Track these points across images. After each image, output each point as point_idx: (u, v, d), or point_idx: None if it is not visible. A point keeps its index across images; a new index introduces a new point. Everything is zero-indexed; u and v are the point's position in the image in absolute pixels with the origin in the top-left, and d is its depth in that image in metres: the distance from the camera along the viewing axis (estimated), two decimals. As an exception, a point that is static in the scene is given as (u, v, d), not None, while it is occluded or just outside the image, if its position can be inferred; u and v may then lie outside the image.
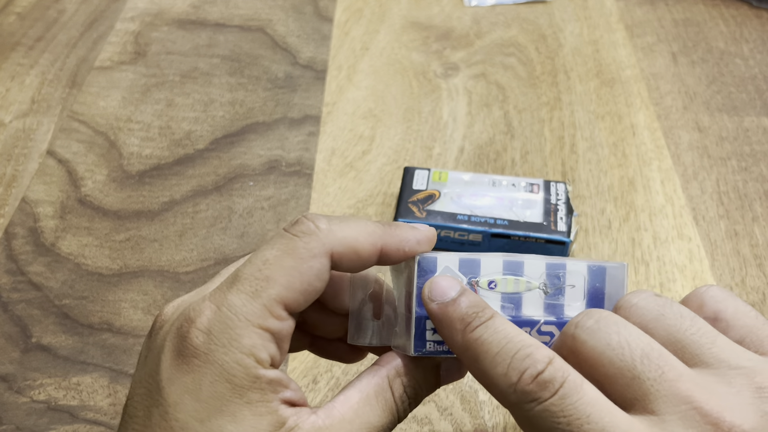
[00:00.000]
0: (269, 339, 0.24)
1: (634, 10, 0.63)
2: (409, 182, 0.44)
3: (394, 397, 0.26)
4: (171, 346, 0.24)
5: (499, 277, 0.27)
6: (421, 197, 0.43)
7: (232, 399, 0.23)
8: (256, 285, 0.24)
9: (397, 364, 0.26)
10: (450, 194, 0.43)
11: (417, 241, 0.26)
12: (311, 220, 0.25)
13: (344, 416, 0.24)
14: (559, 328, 0.27)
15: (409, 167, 0.45)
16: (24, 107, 0.54)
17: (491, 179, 0.44)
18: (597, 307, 0.27)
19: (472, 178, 0.44)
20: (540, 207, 0.42)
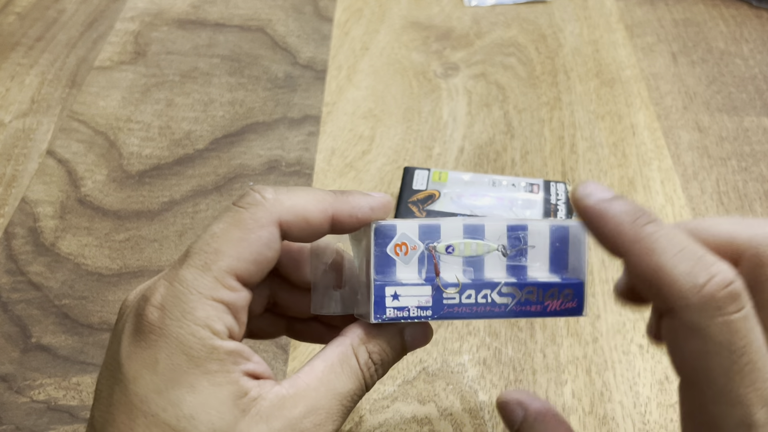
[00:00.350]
0: (224, 310, 0.24)
1: (634, 10, 0.63)
2: (409, 182, 0.44)
3: (359, 363, 0.26)
4: (130, 325, 0.24)
5: (456, 242, 0.27)
6: (421, 197, 0.43)
7: (190, 370, 0.23)
8: (206, 258, 0.24)
9: (361, 332, 0.26)
10: (450, 194, 0.43)
11: (370, 207, 0.26)
12: (257, 191, 0.25)
13: (309, 384, 0.24)
14: (520, 289, 0.27)
15: (409, 167, 0.45)
16: (24, 107, 0.54)
17: (491, 179, 0.44)
18: (560, 268, 0.27)
19: (472, 178, 0.44)
20: (540, 207, 0.42)
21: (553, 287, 0.27)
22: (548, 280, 0.27)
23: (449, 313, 0.27)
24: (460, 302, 0.27)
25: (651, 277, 0.21)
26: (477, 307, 0.27)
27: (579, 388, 0.37)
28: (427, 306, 0.27)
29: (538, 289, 0.27)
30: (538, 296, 0.27)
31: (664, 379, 0.37)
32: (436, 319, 0.27)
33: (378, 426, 0.35)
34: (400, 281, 0.26)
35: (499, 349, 0.38)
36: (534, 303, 0.27)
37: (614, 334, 0.39)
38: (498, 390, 0.37)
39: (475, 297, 0.27)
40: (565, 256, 0.27)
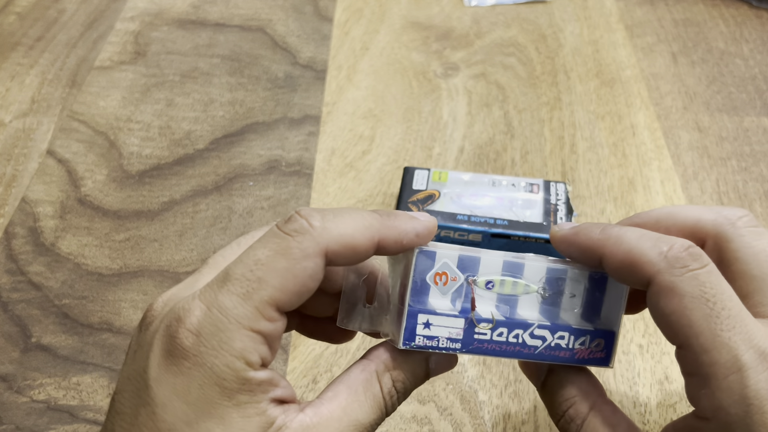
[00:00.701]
0: (260, 341, 0.23)
1: (634, 10, 0.63)
2: (409, 182, 0.44)
3: (383, 392, 0.25)
4: (160, 344, 0.23)
5: (497, 278, 0.27)
6: (420, 197, 0.43)
7: (221, 402, 0.23)
8: (248, 286, 0.23)
9: (386, 358, 0.26)
10: (450, 194, 0.43)
11: (416, 233, 0.26)
12: (305, 218, 0.24)
13: (332, 414, 0.24)
14: (552, 333, 0.27)
15: (409, 167, 0.45)
16: (24, 107, 0.54)
17: (491, 179, 0.44)
18: (592, 315, 0.27)
19: (472, 178, 0.44)
20: (540, 207, 0.42)
21: (585, 335, 0.27)
22: (580, 326, 0.27)
23: (478, 349, 0.26)
24: (491, 339, 0.26)
25: (625, 260, 0.25)
26: (507, 346, 0.27)
27: (579, 388, 0.37)
28: (458, 339, 0.26)
29: (570, 335, 0.27)
30: (568, 342, 0.27)
31: (663, 379, 0.37)
32: (463, 352, 0.26)
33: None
34: (434, 310, 0.26)
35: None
36: (563, 349, 0.27)
37: (614, 334, 0.39)
38: (498, 390, 0.37)
39: (507, 336, 0.26)
40: (600, 304, 0.27)
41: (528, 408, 0.36)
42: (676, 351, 0.25)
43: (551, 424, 0.35)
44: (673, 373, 0.37)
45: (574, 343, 0.27)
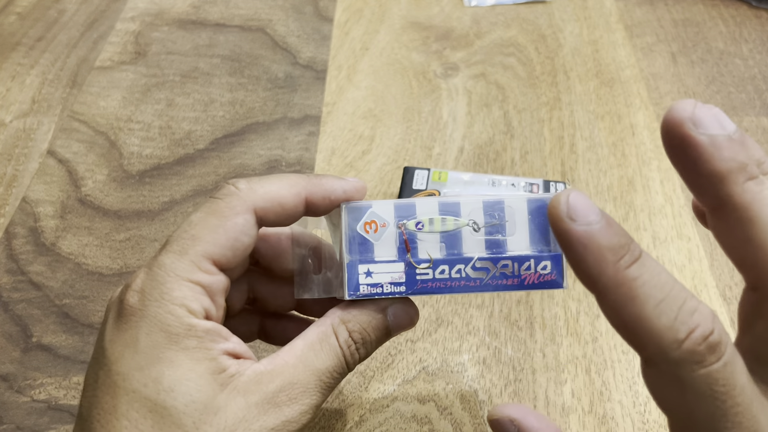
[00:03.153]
0: (200, 292, 0.25)
1: (634, 11, 0.63)
2: (409, 182, 0.44)
3: (339, 341, 0.26)
4: (113, 313, 0.25)
5: (425, 218, 0.27)
6: (421, 197, 0.43)
7: (169, 346, 0.24)
8: (183, 244, 0.25)
9: (342, 312, 0.27)
10: (450, 194, 0.43)
11: (344, 190, 0.27)
12: (232, 183, 0.26)
13: (287, 361, 0.25)
14: (495, 263, 0.27)
15: (409, 167, 0.45)
16: (24, 107, 0.54)
17: (491, 179, 0.44)
18: (540, 243, 0.27)
19: (471, 177, 0.44)
20: None
21: (529, 260, 0.27)
22: (522, 252, 0.27)
23: (423, 288, 0.27)
24: (433, 278, 0.27)
25: (631, 325, 0.21)
26: (451, 282, 0.27)
27: (578, 387, 0.37)
28: (401, 282, 0.27)
29: (513, 262, 0.27)
30: (513, 269, 0.27)
31: (663, 379, 0.37)
32: (410, 294, 0.27)
33: (378, 425, 0.35)
34: (373, 258, 0.27)
35: (499, 348, 0.38)
36: (510, 276, 0.27)
37: (614, 333, 0.39)
38: (497, 389, 0.37)
39: (449, 272, 0.27)
40: (545, 230, 0.27)
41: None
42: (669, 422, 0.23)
43: (551, 424, 0.35)
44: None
45: (520, 269, 0.27)
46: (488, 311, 0.40)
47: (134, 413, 0.24)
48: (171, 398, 0.24)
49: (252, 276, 0.30)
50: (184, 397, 0.24)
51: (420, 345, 0.39)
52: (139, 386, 0.24)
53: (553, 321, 0.39)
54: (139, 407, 0.24)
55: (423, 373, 0.37)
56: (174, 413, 0.24)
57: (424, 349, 0.38)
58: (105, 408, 0.24)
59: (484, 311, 0.40)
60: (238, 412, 0.24)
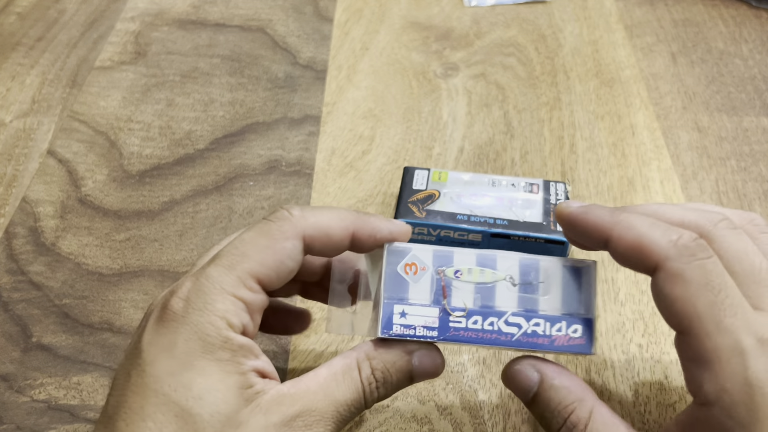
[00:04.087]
0: (242, 308, 0.26)
1: (634, 11, 0.63)
2: (409, 182, 0.44)
3: (361, 377, 0.27)
4: (154, 316, 0.26)
5: (465, 267, 0.28)
6: (420, 197, 0.43)
7: (203, 355, 0.25)
8: (232, 259, 0.26)
9: (368, 348, 0.28)
10: (450, 194, 0.43)
11: (390, 231, 0.28)
12: (286, 209, 0.27)
13: (309, 387, 0.26)
14: (527, 320, 0.28)
15: (409, 167, 0.45)
16: (24, 107, 0.54)
17: (491, 179, 0.44)
18: (571, 306, 0.29)
19: (471, 178, 0.44)
20: (539, 207, 0.42)
21: (561, 321, 0.28)
22: (555, 313, 0.28)
23: (455, 336, 0.28)
24: (466, 327, 0.28)
25: (634, 245, 0.26)
26: (483, 334, 0.28)
27: (578, 387, 0.37)
28: (434, 327, 0.27)
29: (546, 321, 0.28)
30: (545, 329, 0.28)
31: (663, 379, 0.37)
32: (441, 340, 0.28)
33: (378, 425, 0.35)
34: (409, 300, 0.28)
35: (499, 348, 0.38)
36: (541, 336, 0.28)
37: (614, 333, 0.39)
38: (498, 389, 0.37)
39: (482, 323, 0.28)
40: (577, 293, 0.28)
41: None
42: (676, 337, 0.26)
43: (551, 424, 0.35)
44: (672, 373, 0.37)
45: (551, 330, 0.28)
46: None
47: (160, 416, 0.24)
48: (198, 406, 0.24)
49: None
50: (210, 407, 0.24)
51: (420, 345, 0.39)
52: (169, 390, 0.24)
53: (553, 321, 0.40)
54: (166, 411, 0.24)
55: (423, 373, 0.37)
56: (198, 421, 0.24)
57: (424, 349, 0.38)
58: (132, 408, 0.25)
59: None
60: (257, 429, 0.25)
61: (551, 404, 0.28)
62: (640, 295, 0.41)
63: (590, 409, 0.27)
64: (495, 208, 0.42)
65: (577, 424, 0.27)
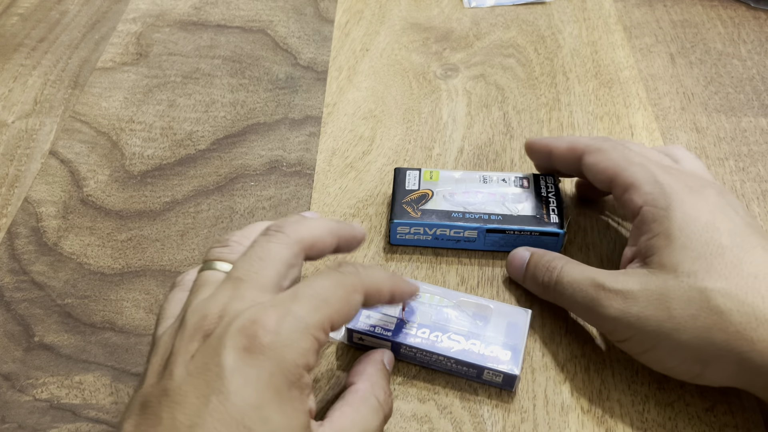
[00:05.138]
0: (316, 349, 0.28)
1: (633, 12, 0.63)
2: (401, 183, 0.44)
3: (379, 401, 0.32)
4: (235, 343, 0.27)
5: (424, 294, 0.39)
6: (414, 197, 0.43)
7: (282, 391, 0.26)
8: (317, 304, 0.28)
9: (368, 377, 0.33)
10: (442, 192, 0.43)
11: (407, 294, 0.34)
12: (354, 266, 0.31)
13: (343, 427, 0.30)
14: (467, 339, 0.37)
15: (400, 168, 0.45)
16: (27, 108, 0.54)
17: (482, 176, 0.44)
18: (507, 336, 0.37)
19: (462, 175, 0.44)
20: (531, 200, 0.42)
21: (495, 344, 0.36)
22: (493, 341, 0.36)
23: (404, 338, 0.36)
24: (415, 334, 0.37)
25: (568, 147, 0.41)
26: (427, 342, 0.36)
27: (577, 386, 0.37)
28: (390, 329, 0.37)
29: (482, 343, 0.36)
30: (480, 349, 0.36)
31: (662, 378, 0.37)
32: (394, 340, 0.36)
33: (378, 424, 0.36)
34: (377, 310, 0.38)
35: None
36: (476, 354, 0.36)
37: (612, 332, 0.39)
38: (497, 388, 0.37)
39: (429, 334, 0.37)
40: (514, 331, 0.37)
41: (527, 407, 0.36)
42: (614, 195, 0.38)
43: (550, 423, 0.35)
44: (670, 372, 0.37)
45: (485, 350, 0.36)
46: (488, 311, 0.40)
47: None
48: None
49: None
50: None
51: (420, 344, 0.39)
52: (250, 423, 0.25)
53: (552, 320, 0.40)
54: None
55: (423, 372, 0.37)
56: None
57: (424, 348, 0.39)
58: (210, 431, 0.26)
59: (484, 311, 0.40)
60: None
61: (539, 264, 0.39)
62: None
63: (566, 260, 0.38)
64: (488, 204, 0.42)
65: (557, 267, 0.38)
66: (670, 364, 0.33)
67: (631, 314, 0.33)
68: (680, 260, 0.33)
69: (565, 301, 0.37)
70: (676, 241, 0.33)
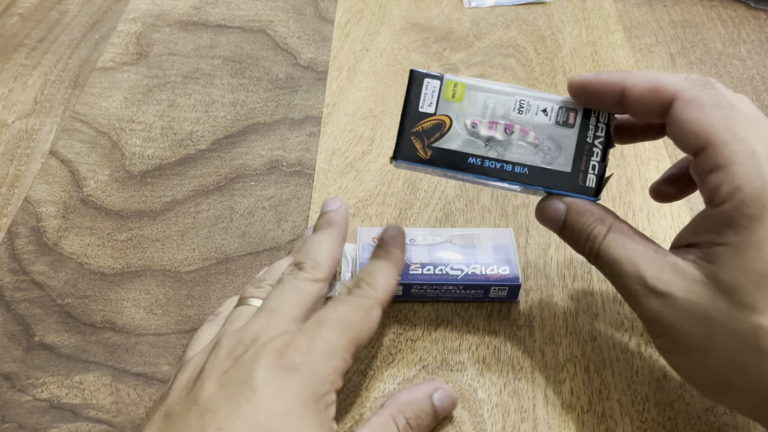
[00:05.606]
0: (343, 370, 0.30)
1: (633, 12, 0.63)
2: (415, 99, 0.33)
3: (399, 428, 0.32)
4: (269, 360, 0.28)
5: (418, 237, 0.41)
6: (427, 126, 0.33)
7: (309, 405, 0.28)
8: (341, 327, 0.30)
9: (398, 403, 0.33)
10: (464, 119, 0.33)
11: None
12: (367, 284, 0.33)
13: None
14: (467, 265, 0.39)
15: (417, 71, 0.33)
16: (27, 107, 0.54)
17: (518, 101, 0.33)
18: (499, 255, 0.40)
19: (495, 100, 0.33)
20: (571, 148, 0.33)
21: (492, 265, 0.39)
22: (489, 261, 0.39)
23: (414, 278, 0.39)
24: (422, 273, 0.39)
25: (651, 86, 0.30)
26: (434, 276, 0.39)
27: (577, 386, 0.37)
28: None
29: (481, 265, 0.39)
30: (482, 270, 0.39)
31: (662, 377, 0.37)
32: (404, 282, 0.39)
33: (378, 423, 0.36)
34: None
35: (498, 347, 0.39)
36: (479, 275, 0.38)
37: (613, 332, 0.39)
38: (497, 388, 0.37)
39: (433, 270, 0.39)
40: (504, 250, 0.40)
41: (527, 406, 0.36)
42: (695, 163, 0.29)
43: (550, 423, 0.35)
44: (671, 372, 0.37)
45: (486, 270, 0.39)
46: (488, 310, 0.40)
47: None
48: None
49: None
50: None
51: (420, 344, 0.39)
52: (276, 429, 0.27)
53: (552, 320, 0.40)
54: None
55: (423, 371, 0.38)
56: None
57: (424, 347, 0.39)
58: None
59: (484, 310, 0.40)
60: None
61: (577, 225, 0.32)
62: (639, 295, 0.41)
63: (610, 224, 0.32)
64: (516, 147, 0.33)
65: (598, 236, 0.32)
66: (690, 375, 0.31)
67: (665, 320, 0.29)
68: (743, 285, 0.27)
69: (604, 275, 0.32)
70: (748, 261, 0.27)
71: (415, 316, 0.40)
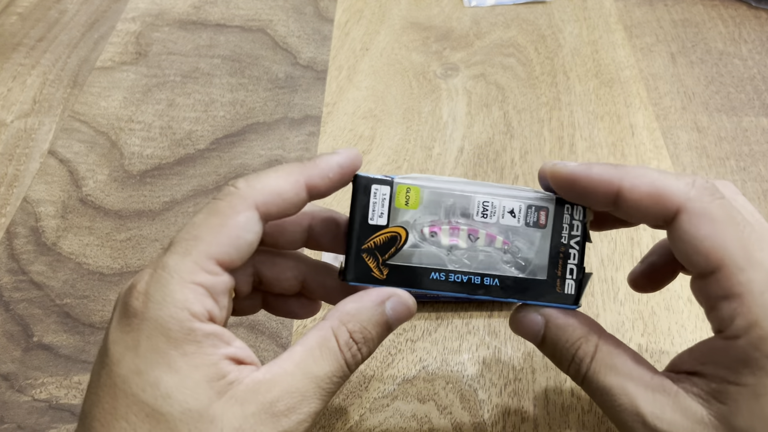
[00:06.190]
0: (203, 294, 0.25)
1: (633, 11, 0.63)
2: (364, 210, 0.29)
3: (339, 344, 0.26)
4: (117, 313, 0.25)
5: None
6: (379, 241, 0.29)
7: (168, 351, 0.24)
8: (186, 245, 0.25)
9: (340, 313, 0.27)
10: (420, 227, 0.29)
11: (339, 164, 0.28)
12: (231, 184, 0.27)
13: (285, 369, 0.25)
14: None
15: (362, 176, 0.29)
16: (26, 107, 0.54)
17: (481, 203, 0.29)
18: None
19: (454, 201, 0.29)
20: (545, 251, 0.29)
21: None
22: None
23: None
24: None
25: (651, 191, 0.25)
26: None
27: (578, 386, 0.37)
28: None
29: None
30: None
31: (662, 378, 0.37)
32: None
33: (378, 424, 0.35)
34: None
35: (499, 348, 0.39)
36: None
37: (613, 332, 0.39)
38: (497, 388, 0.37)
39: None
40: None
41: (527, 407, 0.36)
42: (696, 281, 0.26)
43: (550, 423, 0.35)
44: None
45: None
46: (488, 311, 0.40)
47: (132, 416, 0.24)
48: (167, 405, 0.24)
49: (258, 259, 0.30)
50: (180, 405, 0.24)
51: (420, 344, 0.39)
52: (137, 390, 0.24)
53: (553, 320, 0.40)
54: (137, 411, 0.24)
55: (423, 372, 0.37)
56: (170, 420, 0.24)
57: (424, 348, 0.38)
58: (105, 408, 0.24)
59: (484, 311, 0.40)
60: (234, 422, 0.24)
61: (559, 343, 0.28)
62: (640, 295, 0.41)
63: (596, 343, 0.27)
64: (482, 254, 0.29)
65: (584, 358, 0.27)
66: None
67: None
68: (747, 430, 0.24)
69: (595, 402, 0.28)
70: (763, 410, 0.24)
71: (415, 316, 0.40)
